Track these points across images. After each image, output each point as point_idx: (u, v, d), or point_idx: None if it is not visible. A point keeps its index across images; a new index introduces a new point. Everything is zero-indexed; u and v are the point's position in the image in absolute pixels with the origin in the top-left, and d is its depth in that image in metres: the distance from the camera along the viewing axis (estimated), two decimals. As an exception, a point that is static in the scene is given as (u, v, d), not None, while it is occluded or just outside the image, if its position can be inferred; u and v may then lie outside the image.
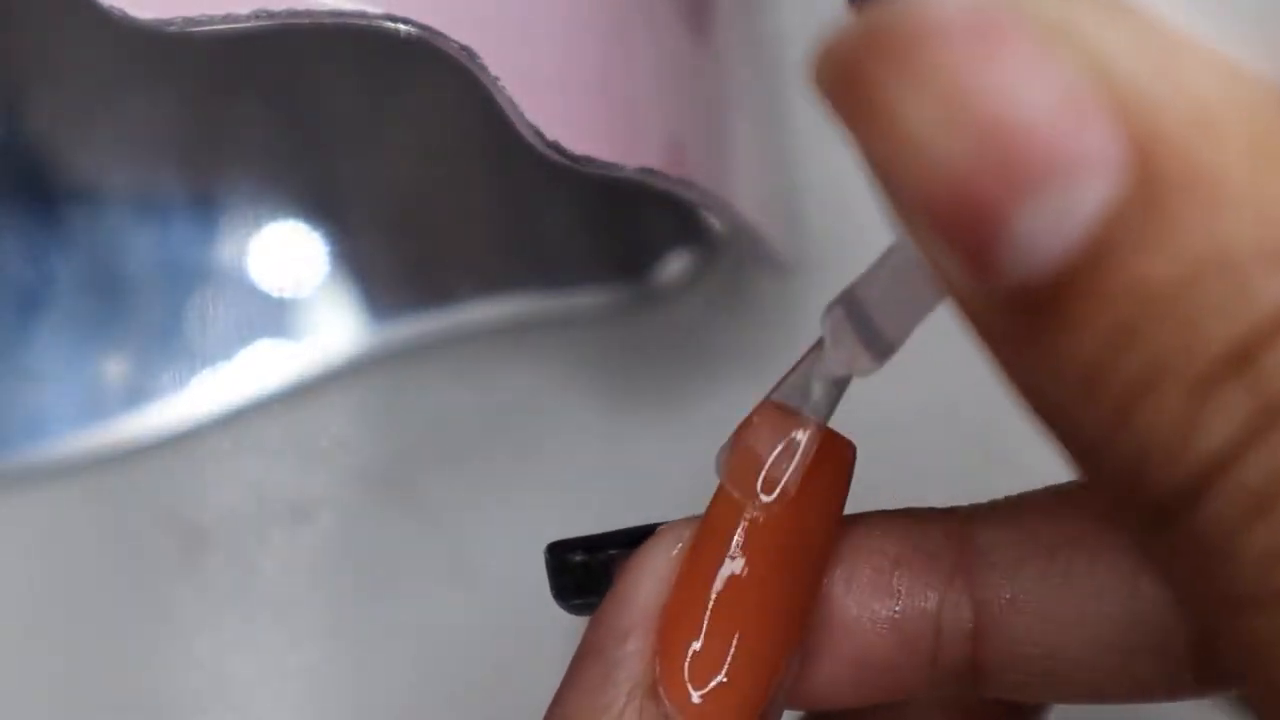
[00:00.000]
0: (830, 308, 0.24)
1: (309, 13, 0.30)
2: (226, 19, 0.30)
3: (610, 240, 0.44)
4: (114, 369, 0.44)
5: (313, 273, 0.44)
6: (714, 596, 0.25)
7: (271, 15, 0.30)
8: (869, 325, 0.23)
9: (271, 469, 0.44)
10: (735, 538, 0.25)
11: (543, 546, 0.27)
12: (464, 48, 0.31)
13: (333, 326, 0.44)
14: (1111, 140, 0.17)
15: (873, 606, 0.25)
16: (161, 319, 0.44)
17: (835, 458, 0.26)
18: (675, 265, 0.44)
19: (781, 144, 0.44)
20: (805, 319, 0.44)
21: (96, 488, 0.43)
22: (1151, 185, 0.17)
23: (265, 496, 0.43)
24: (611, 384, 0.44)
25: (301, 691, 0.43)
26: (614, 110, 0.34)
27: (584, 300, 0.44)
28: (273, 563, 0.43)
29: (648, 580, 0.25)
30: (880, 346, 0.23)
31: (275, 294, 0.44)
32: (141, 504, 0.43)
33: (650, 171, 0.34)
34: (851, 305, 0.23)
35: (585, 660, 0.25)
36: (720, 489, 0.26)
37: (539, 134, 0.32)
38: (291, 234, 0.44)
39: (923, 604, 0.25)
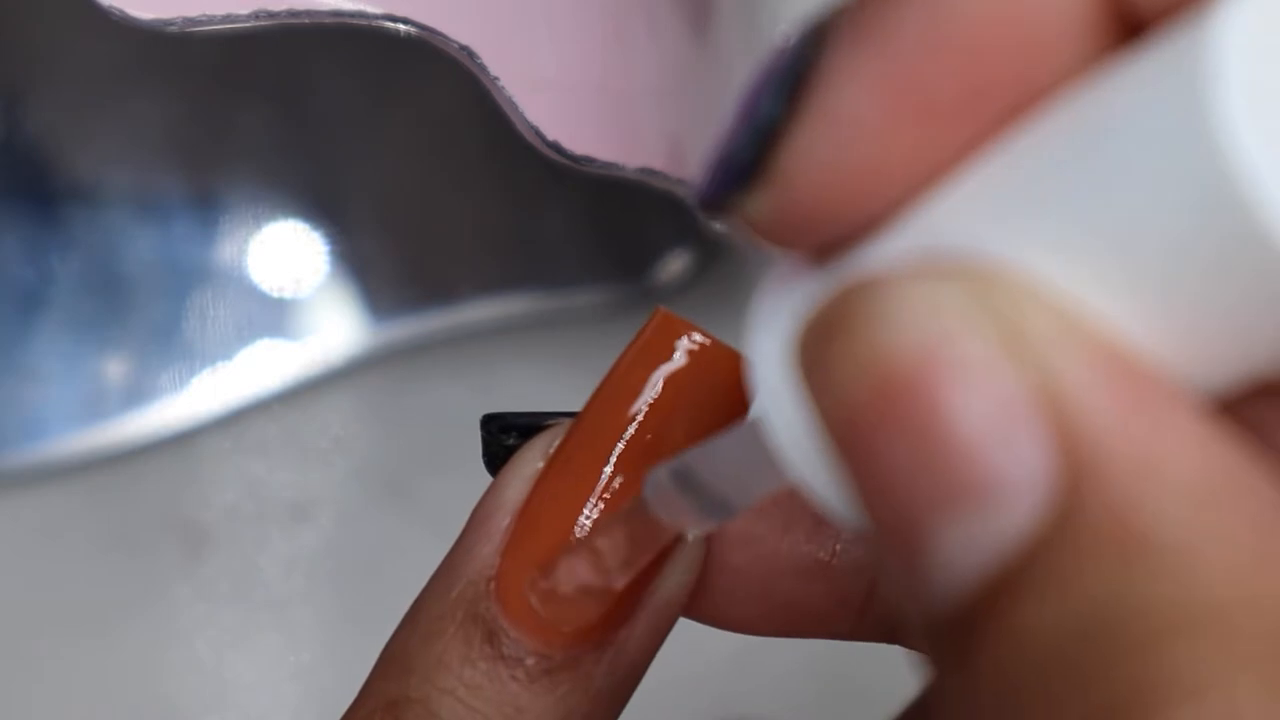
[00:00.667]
0: (653, 473, 0.22)
1: (309, 12, 0.30)
2: (226, 19, 0.30)
3: (610, 240, 0.44)
4: (114, 369, 0.43)
5: (312, 273, 0.44)
6: (567, 515, 0.23)
7: (271, 15, 0.30)
8: (705, 493, 0.21)
9: (271, 469, 0.44)
10: (609, 449, 0.24)
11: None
12: (464, 48, 0.31)
13: (333, 326, 0.44)
14: (1041, 469, 0.16)
15: (811, 552, 0.24)
16: (161, 319, 0.44)
17: (721, 374, 0.24)
18: (675, 265, 0.44)
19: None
20: (805, 319, 0.44)
21: (96, 488, 0.43)
22: (1072, 526, 0.16)
23: (265, 496, 0.43)
24: (611, 384, 0.44)
25: (301, 691, 0.43)
26: (614, 110, 0.34)
27: (584, 300, 0.44)
28: (273, 563, 0.43)
29: (516, 476, 0.24)
30: (721, 513, 0.21)
31: (275, 294, 0.44)
32: (141, 504, 0.43)
33: (650, 171, 0.34)
34: (683, 475, 0.21)
35: (452, 549, 0.25)
36: (598, 394, 0.25)
37: (539, 134, 0.32)
38: (291, 234, 0.44)
39: (860, 556, 0.24)
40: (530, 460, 0.24)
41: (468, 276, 0.44)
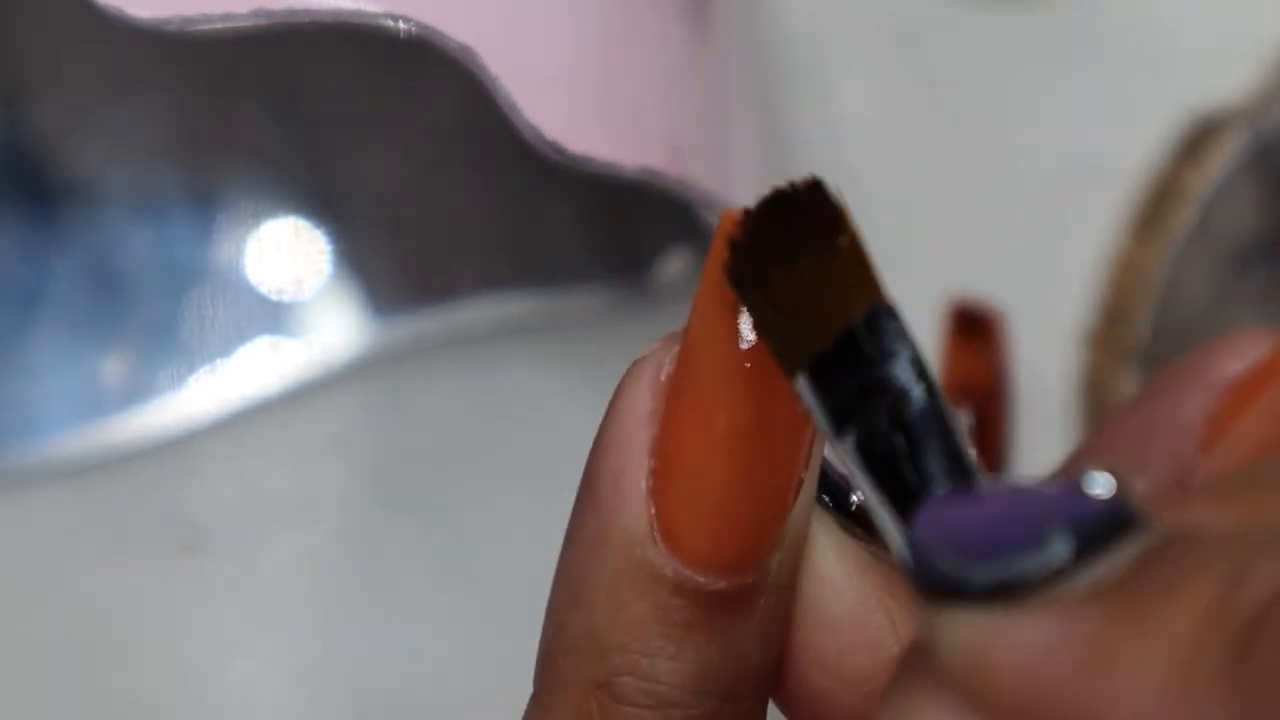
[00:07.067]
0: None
1: (308, 11, 0.30)
2: (225, 18, 0.30)
3: (610, 240, 0.44)
4: (112, 368, 0.43)
5: (312, 272, 0.44)
6: (708, 435, 0.23)
7: (270, 14, 0.30)
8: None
9: (271, 469, 0.44)
10: (731, 369, 0.23)
11: (542, 545, 0.26)
12: (464, 47, 0.31)
13: (333, 326, 0.44)
14: None
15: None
16: (160, 318, 0.44)
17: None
18: (675, 265, 0.44)
19: (781, 144, 0.44)
20: (805, 319, 0.44)
21: (95, 488, 0.43)
22: None
23: (265, 496, 0.43)
24: (611, 384, 0.44)
25: (301, 692, 0.43)
26: (614, 110, 0.34)
27: (584, 300, 0.44)
28: (273, 563, 0.43)
29: (633, 415, 0.24)
30: None
31: (274, 293, 0.44)
32: (141, 504, 0.43)
33: (650, 171, 0.34)
34: None
35: (582, 507, 0.24)
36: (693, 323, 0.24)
37: (539, 133, 0.32)
38: (291, 233, 0.44)
39: None
40: (642, 404, 0.24)
41: (468, 276, 0.44)
